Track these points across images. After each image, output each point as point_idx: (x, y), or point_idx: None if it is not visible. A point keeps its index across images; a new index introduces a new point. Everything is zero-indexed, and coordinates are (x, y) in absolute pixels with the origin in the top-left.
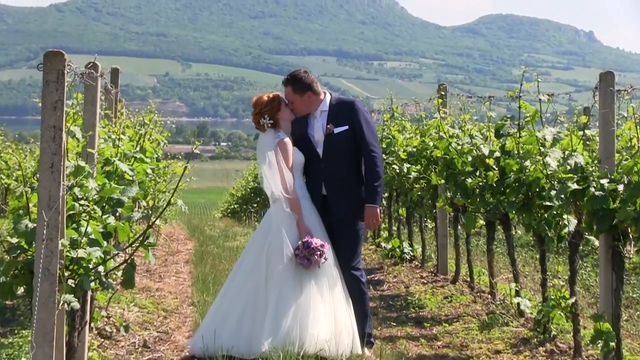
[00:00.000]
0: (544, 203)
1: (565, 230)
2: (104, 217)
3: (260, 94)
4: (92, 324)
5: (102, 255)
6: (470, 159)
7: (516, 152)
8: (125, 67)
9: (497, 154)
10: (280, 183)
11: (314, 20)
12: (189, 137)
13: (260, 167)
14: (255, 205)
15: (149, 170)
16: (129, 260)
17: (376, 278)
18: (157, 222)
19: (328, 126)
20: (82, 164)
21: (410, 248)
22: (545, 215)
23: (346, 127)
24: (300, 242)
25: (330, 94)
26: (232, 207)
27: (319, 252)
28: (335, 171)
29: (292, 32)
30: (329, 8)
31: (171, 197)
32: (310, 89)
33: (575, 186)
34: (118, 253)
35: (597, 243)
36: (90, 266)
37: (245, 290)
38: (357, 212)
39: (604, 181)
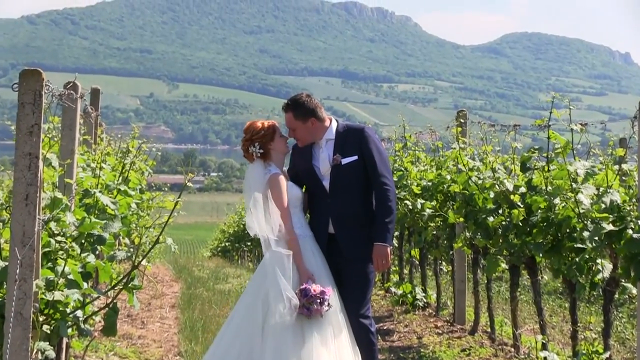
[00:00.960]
0: (575, 245)
1: (599, 276)
2: (83, 255)
3: (255, 120)
4: None
5: (81, 299)
6: (492, 195)
7: (544, 187)
8: (105, 87)
9: (523, 189)
10: (266, 222)
11: (316, 36)
12: (177, 166)
13: (245, 203)
14: (249, 243)
15: (132, 204)
16: (110, 305)
17: (385, 327)
18: (143, 262)
19: (335, 157)
20: (59, 195)
21: (424, 294)
22: (577, 259)
23: (355, 157)
24: (297, 290)
25: (337, 121)
26: (223, 245)
27: (319, 300)
28: (343, 207)
29: (292, 50)
30: (333, 23)
31: (160, 235)
32: (314, 115)
33: (610, 227)
34: (98, 296)
35: (634, 291)
36: (68, 310)
37: (239, 339)
38: (368, 252)
39: None
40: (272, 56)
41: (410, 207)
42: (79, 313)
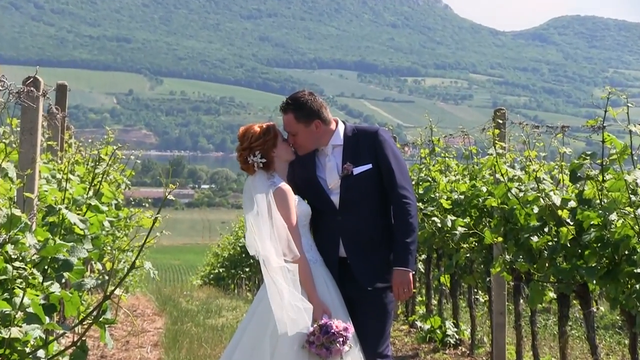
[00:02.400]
0: (635, 270)
1: None
2: (45, 284)
3: (251, 124)
4: None
5: (43, 336)
6: (536, 210)
7: (598, 201)
8: (74, 83)
9: (573, 203)
10: (271, 241)
11: (327, 21)
12: (160, 177)
13: (245, 217)
14: (247, 269)
15: (106, 222)
16: (78, 343)
17: None
18: (117, 291)
19: (345, 166)
20: (18, 212)
21: (456, 329)
22: (637, 286)
23: (369, 166)
24: (315, 326)
25: (344, 123)
26: (216, 271)
27: (341, 339)
28: (356, 225)
29: (299, 38)
30: (347, 6)
31: (136, 258)
32: (319, 116)
33: None
34: (64, 333)
35: None
36: (27, 350)
37: None
38: (387, 279)
39: None
40: (274, 45)
41: (439, 225)
42: (41, 353)
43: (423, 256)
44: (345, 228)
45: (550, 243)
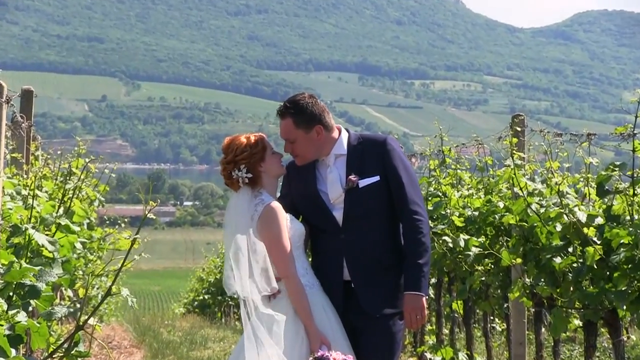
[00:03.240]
0: None
1: None
2: (10, 312)
3: (237, 134)
4: None
5: None
6: (559, 227)
7: (628, 217)
8: (41, 88)
9: (600, 220)
10: (250, 278)
11: (324, 18)
12: (138, 193)
13: (225, 249)
14: (235, 295)
15: (77, 244)
16: None
17: None
18: (91, 320)
19: (350, 177)
20: None
21: None
22: None
23: (376, 178)
24: (312, 359)
25: (347, 131)
26: (201, 298)
27: None
28: (362, 245)
29: (292, 37)
30: (347, 0)
31: (112, 284)
32: (320, 122)
33: None
34: None
35: None
36: None
37: None
38: (396, 305)
39: None
40: (265, 45)
41: (451, 245)
42: None
43: (433, 280)
44: (350, 248)
45: (575, 264)
